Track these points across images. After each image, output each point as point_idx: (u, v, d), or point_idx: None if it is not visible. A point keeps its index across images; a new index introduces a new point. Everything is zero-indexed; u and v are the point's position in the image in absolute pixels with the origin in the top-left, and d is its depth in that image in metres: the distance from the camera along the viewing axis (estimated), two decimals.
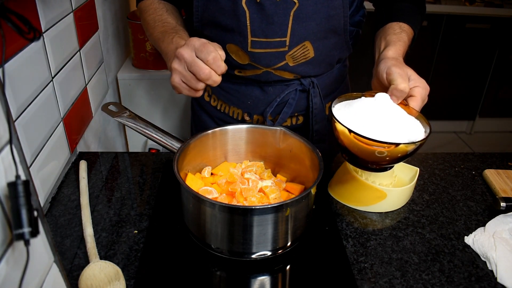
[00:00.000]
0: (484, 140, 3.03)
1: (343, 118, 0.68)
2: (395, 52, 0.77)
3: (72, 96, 0.93)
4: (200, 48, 0.67)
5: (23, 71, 0.69)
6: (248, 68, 0.90)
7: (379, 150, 0.64)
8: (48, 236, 0.44)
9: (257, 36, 0.84)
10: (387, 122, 0.66)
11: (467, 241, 0.74)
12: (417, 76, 0.71)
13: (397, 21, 0.85)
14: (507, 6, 2.64)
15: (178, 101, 1.59)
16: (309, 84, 0.93)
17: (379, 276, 0.66)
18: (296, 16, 0.82)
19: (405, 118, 0.68)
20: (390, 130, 0.65)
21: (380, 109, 0.67)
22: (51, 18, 0.81)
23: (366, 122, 0.66)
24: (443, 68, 2.75)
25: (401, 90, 0.68)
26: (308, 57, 0.88)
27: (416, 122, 0.69)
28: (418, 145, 0.64)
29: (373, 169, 0.72)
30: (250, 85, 0.94)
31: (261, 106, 0.96)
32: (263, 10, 0.81)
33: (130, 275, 0.65)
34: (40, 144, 0.75)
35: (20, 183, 0.35)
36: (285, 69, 0.89)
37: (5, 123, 0.37)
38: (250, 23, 0.82)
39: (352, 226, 0.77)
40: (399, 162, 0.69)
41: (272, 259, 0.68)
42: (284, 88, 0.93)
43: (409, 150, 0.64)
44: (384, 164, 0.69)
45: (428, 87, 0.72)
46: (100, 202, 0.80)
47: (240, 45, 0.86)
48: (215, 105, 1.01)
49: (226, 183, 0.75)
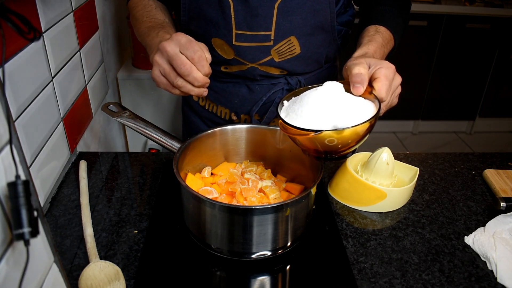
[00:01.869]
0: (484, 140, 3.03)
1: (290, 113, 0.66)
2: (361, 51, 0.76)
3: (72, 96, 0.93)
4: (186, 45, 0.67)
5: (23, 71, 0.69)
6: (234, 63, 0.90)
7: (329, 139, 0.61)
8: (48, 236, 0.44)
9: (241, 29, 0.84)
10: (327, 109, 0.63)
11: (467, 241, 0.74)
12: (378, 60, 0.69)
13: (375, 24, 0.85)
14: (507, 6, 2.64)
15: (178, 101, 1.59)
16: (296, 83, 0.93)
17: (379, 276, 0.66)
18: (281, 9, 0.82)
19: (350, 103, 0.64)
20: (328, 117, 0.62)
21: (323, 98, 0.64)
22: (51, 18, 0.81)
23: (308, 113, 0.64)
24: (443, 68, 2.75)
25: (355, 74, 0.65)
26: (295, 53, 0.88)
27: (368, 105, 0.65)
28: (356, 129, 0.60)
29: (334, 158, 0.69)
30: (237, 84, 0.95)
31: (247, 105, 0.96)
32: (247, 2, 0.81)
33: (130, 275, 0.65)
34: (40, 144, 0.75)
35: (20, 183, 0.35)
36: (271, 65, 0.89)
37: (5, 123, 0.37)
38: (234, 15, 0.82)
39: (352, 226, 0.77)
40: (355, 146, 0.66)
41: (272, 259, 0.68)
42: (271, 87, 0.94)
43: (358, 133, 0.61)
44: (342, 151, 0.66)
45: (392, 65, 0.68)
46: (100, 202, 0.80)
47: (225, 38, 0.86)
48: (203, 105, 1.02)
49: (226, 183, 0.75)
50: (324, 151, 0.65)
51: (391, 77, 0.67)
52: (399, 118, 2.96)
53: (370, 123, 0.61)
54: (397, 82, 0.69)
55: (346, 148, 0.65)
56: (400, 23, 0.89)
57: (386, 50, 0.82)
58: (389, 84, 0.66)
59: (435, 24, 2.59)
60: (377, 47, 0.79)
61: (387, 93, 0.66)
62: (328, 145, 0.63)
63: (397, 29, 0.86)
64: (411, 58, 2.63)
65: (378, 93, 0.65)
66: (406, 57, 2.57)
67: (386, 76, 0.66)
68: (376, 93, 0.66)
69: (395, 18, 0.88)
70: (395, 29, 0.86)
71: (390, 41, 0.84)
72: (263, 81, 0.93)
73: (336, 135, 0.60)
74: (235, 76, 0.93)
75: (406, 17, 0.93)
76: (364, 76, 0.65)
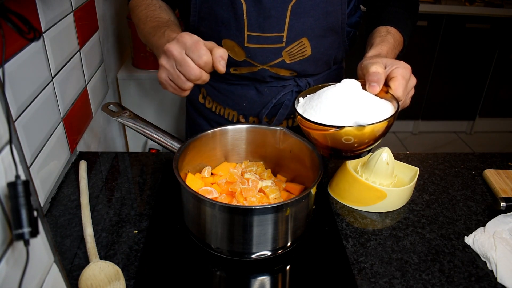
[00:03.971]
0: (484, 140, 3.03)
1: (308, 110, 0.66)
2: (374, 51, 0.76)
3: (72, 96, 0.93)
4: (192, 48, 0.64)
5: (23, 71, 0.69)
6: (244, 65, 0.89)
7: (345, 137, 0.61)
8: (48, 236, 0.44)
9: (254, 31, 0.83)
10: (347, 106, 0.63)
11: (467, 241, 0.74)
12: (395, 60, 0.69)
13: (385, 24, 0.85)
14: (507, 6, 2.64)
15: (179, 101, 1.59)
16: (306, 85, 0.93)
17: (379, 276, 0.66)
18: (294, 11, 0.81)
19: (369, 101, 0.64)
20: (348, 114, 0.62)
21: (342, 95, 0.64)
22: (51, 18, 0.81)
23: (327, 109, 0.64)
24: (443, 68, 2.75)
25: (373, 73, 0.65)
26: (305, 55, 0.88)
27: (386, 104, 0.66)
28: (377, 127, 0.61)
29: (348, 157, 0.69)
30: (246, 86, 0.94)
31: (256, 107, 0.95)
32: (260, 3, 0.80)
33: (130, 275, 0.65)
34: (40, 144, 0.75)
35: (20, 183, 0.35)
36: (282, 66, 0.88)
37: (5, 123, 0.37)
38: (247, 16, 0.81)
39: (352, 226, 0.77)
40: (371, 146, 0.66)
41: (272, 259, 0.68)
42: (280, 90, 0.93)
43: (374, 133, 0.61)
44: (357, 150, 0.66)
45: (409, 66, 0.68)
46: (100, 202, 0.80)
47: (236, 40, 0.85)
48: (210, 107, 1.01)
49: (226, 183, 0.75)
50: (338, 148, 0.65)
51: (408, 77, 0.67)
52: (399, 118, 2.93)
53: (388, 122, 0.62)
54: (412, 83, 0.69)
55: (361, 147, 0.65)
56: (409, 25, 0.89)
57: (396, 52, 0.83)
58: (405, 84, 0.66)
59: (435, 24, 2.59)
60: (390, 48, 0.79)
61: (404, 93, 0.66)
62: (344, 143, 0.63)
63: (406, 31, 0.86)
64: (411, 58, 2.61)
65: (395, 92, 0.66)
66: (406, 57, 2.54)
67: (403, 75, 0.66)
68: (393, 92, 0.66)
69: (404, 20, 0.88)
70: (405, 31, 0.86)
71: (400, 43, 0.84)
72: (273, 83, 0.92)
73: (357, 131, 0.60)
74: (244, 78, 0.92)
75: (415, 20, 0.93)
76: (381, 75, 0.65)
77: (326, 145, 0.66)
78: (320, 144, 0.67)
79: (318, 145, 0.68)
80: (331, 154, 0.69)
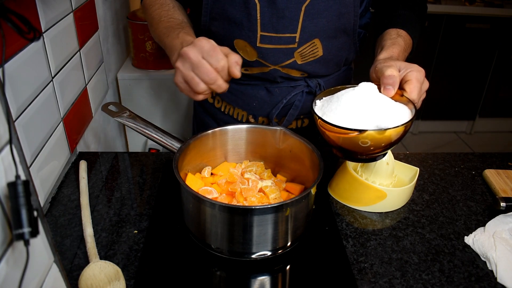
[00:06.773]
0: (484, 140, 3.03)
1: (326, 113, 0.67)
2: (386, 54, 0.77)
3: (72, 96, 0.93)
4: (210, 53, 0.65)
5: (23, 71, 0.69)
6: (255, 65, 0.89)
7: (362, 140, 0.62)
8: (48, 236, 0.44)
9: (267, 31, 0.83)
10: (367, 110, 0.64)
11: (467, 241, 0.74)
12: (408, 63, 0.70)
13: (395, 27, 0.85)
14: (507, 6, 2.64)
15: (179, 101, 1.59)
16: (316, 86, 0.92)
17: (379, 276, 0.66)
18: (308, 12, 0.81)
19: (387, 104, 0.65)
20: (368, 117, 0.63)
21: (361, 98, 0.65)
22: (51, 18, 0.81)
23: (347, 112, 0.65)
24: (443, 68, 2.75)
25: (388, 76, 0.66)
26: (317, 56, 0.88)
27: (402, 108, 0.67)
28: (396, 130, 0.62)
29: (363, 159, 0.71)
30: (256, 86, 0.94)
31: (266, 107, 0.95)
32: (274, 3, 0.80)
33: (130, 275, 0.65)
34: (40, 144, 0.75)
35: (20, 183, 0.35)
36: (293, 67, 0.88)
37: (5, 123, 0.37)
38: (260, 16, 0.81)
39: (352, 226, 0.77)
40: (386, 149, 0.67)
41: (272, 259, 0.68)
42: (291, 90, 0.93)
43: (391, 137, 0.62)
44: (372, 153, 0.68)
45: (423, 69, 0.69)
46: (100, 202, 0.80)
47: (248, 40, 0.84)
48: (219, 106, 1.00)
49: (226, 183, 0.75)
50: (352, 150, 0.66)
51: (422, 81, 0.69)
52: None
53: (407, 126, 0.63)
54: (426, 86, 0.71)
55: (376, 150, 0.66)
56: (418, 29, 0.89)
57: (406, 54, 0.83)
58: (420, 87, 0.68)
59: (435, 24, 2.59)
60: (400, 50, 0.79)
61: (418, 96, 0.68)
62: (359, 146, 0.64)
63: (416, 34, 0.87)
64: (411, 58, 2.63)
65: (410, 95, 0.67)
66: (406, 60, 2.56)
67: (417, 79, 0.67)
68: (408, 95, 0.67)
69: (414, 23, 0.88)
70: (414, 34, 0.86)
71: (410, 46, 0.85)
72: (283, 83, 0.92)
73: (378, 135, 0.62)
74: (255, 78, 0.92)
75: (423, 23, 0.93)
76: (396, 78, 0.66)
77: (339, 146, 0.68)
78: (335, 145, 0.68)
79: (332, 145, 0.69)
80: (348, 157, 0.70)
